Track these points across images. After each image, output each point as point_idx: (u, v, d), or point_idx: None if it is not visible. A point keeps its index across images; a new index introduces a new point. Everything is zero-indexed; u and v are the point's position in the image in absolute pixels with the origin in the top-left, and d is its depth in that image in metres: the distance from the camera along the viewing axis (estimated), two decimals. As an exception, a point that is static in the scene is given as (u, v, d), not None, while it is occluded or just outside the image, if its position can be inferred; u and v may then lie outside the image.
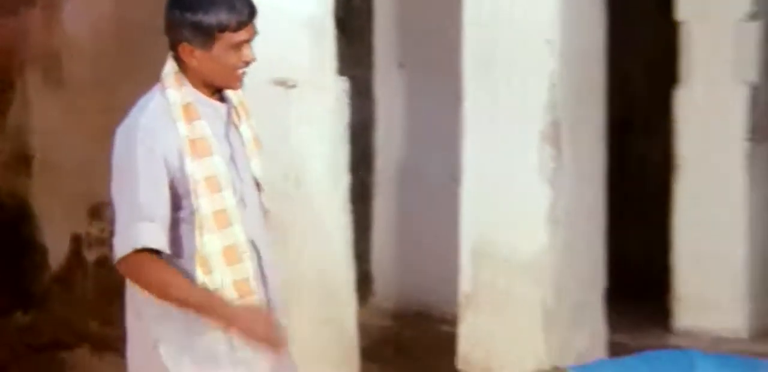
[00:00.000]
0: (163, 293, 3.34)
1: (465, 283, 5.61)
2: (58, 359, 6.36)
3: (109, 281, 6.95)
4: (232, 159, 3.42)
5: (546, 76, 5.45)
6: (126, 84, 6.74)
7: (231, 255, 3.39)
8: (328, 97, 4.71)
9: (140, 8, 6.95)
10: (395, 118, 7.38)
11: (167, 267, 3.34)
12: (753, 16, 6.66)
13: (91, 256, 6.97)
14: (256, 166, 3.49)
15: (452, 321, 5.91)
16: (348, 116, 4.80)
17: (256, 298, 3.43)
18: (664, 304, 6.83)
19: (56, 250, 6.90)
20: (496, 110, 5.56)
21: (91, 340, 6.58)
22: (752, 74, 6.68)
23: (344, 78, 4.80)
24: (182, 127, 3.36)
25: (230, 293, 3.37)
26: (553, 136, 5.47)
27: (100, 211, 6.93)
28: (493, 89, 5.56)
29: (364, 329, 5.58)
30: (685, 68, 6.78)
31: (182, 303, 3.32)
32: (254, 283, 3.44)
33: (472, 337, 5.58)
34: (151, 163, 3.33)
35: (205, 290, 3.35)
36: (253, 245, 3.46)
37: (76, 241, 6.95)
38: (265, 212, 3.50)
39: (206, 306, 3.32)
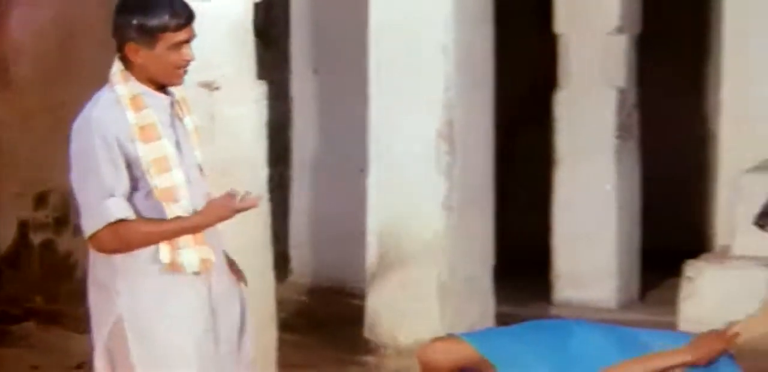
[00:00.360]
0: (148, 243, 3.35)
1: (371, 262, 5.63)
2: (7, 332, 6.29)
3: (53, 262, 6.91)
4: (178, 145, 3.42)
5: (441, 80, 5.49)
6: (68, 84, 6.68)
7: None
8: (248, 98, 4.68)
9: (82, 14, 6.89)
10: (309, 117, 7.39)
11: (137, 223, 3.34)
12: (620, 30, 6.78)
13: (36, 239, 6.90)
14: (198, 154, 3.48)
15: (360, 295, 5.94)
16: (267, 115, 4.78)
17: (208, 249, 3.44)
18: (545, 280, 6.93)
19: (5, 234, 6.82)
20: (398, 110, 5.58)
21: (36, 315, 6.52)
22: (620, 80, 6.80)
23: (263, 81, 4.78)
24: (131, 116, 3.35)
25: (192, 242, 3.39)
26: (448, 133, 5.50)
27: (46, 199, 6.87)
28: (395, 92, 5.58)
29: (281, 303, 5.56)
30: (563, 74, 6.88)
31: (167, 238, 3.35)
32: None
33: (378, 310, 5.60)
34: (108, 148, 3.32)
35: (173, 220, 3.36)
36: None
37: (24, 226, 6.88)
38: (208, 194, 3.50)
39: (182, 229, 3.34)
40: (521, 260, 6.83)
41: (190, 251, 3.37)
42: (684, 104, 8.27)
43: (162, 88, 3.45)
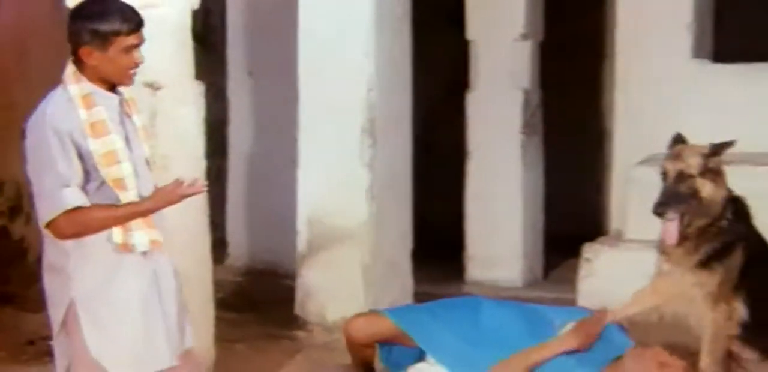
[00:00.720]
0: (104, 227, 3.32)
1: (301, 246, 5.60)
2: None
3: (7, 247, 6.81)
4: (127, 140, 3.38)
5: (364, 82, 5.47)
6: (20, 85, 6.57)
7: None
8: (187, 97, 4.63)
9: (35, 18, 6.77)
10: (244, 115, 7.34)
11: (92, 209, 3.30)
12: (525, 37, 6.82)
13: (-10, 226, 6.82)
14: (146, 149, 3.43)
15: (291, 276, 5.91)
16: (204, 114, 4.73)
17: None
18: (458, 261, 6.96)
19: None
20: (326, 109, 5.55)
21: (-10, 296, 6.45)
22: (525, 82, 6.84)
23: (202, 82, 4.73)
24: (82, 113, 3.31)
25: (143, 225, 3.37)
26: (371, 129, 5.49)
27: (1, 189, 6.77)
28: (323, 92, 5.54)
29: (219, 284, 5.52)
30: (474, 77, 6.91)
31: (121, 222, 3.30)
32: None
33: (307, 289, 5.57)
34: (61, 141, 3.29)
35: (126, 205, 3.31)
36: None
37: (-22, 214, 6.79)
38: (155, 186, 3.46)
39: (134, 213, 3.31)
40: (437, 244, 6.85)
41: (141, 233, 3.34)
42: (582, 104, 8.34)
43: (112, 88, 3.40)
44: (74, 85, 3.35)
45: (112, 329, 3.34)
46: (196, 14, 4.77)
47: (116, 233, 3.31)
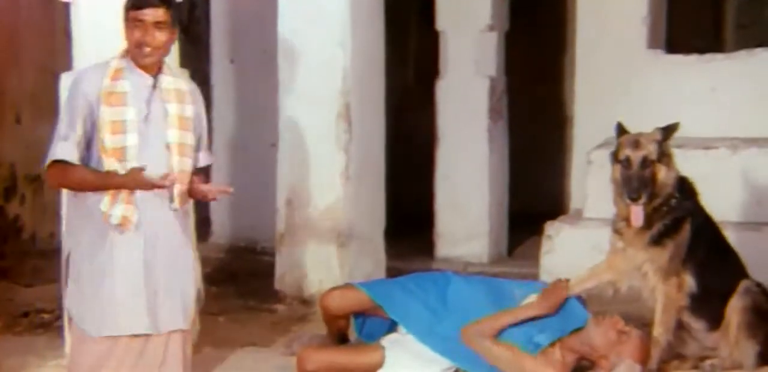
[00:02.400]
0: (79, 187, 3.37)
1: (280, 224, 5.59)
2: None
3: (2, 226, 6.78)
4: (147, 119, 3.36)
5: (340, 69, 5.45)
6: (12, 72, 6.52)
7: None
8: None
9: (26, 10, 6.71)
10: (227, 100, 7.31)
11: (74, 168, 3.33)
12: (491, 28, 6.80)
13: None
14: (173, 136, 3.39)
15: (271, 253, 5.91)
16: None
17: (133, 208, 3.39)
18: (428, 239, 6.97)
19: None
20: (304, 95, 5.52)
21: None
22: (491, 70, 6.83)
23: (186, 70, 4.71)
24: (106, 82, 3.35)
25: (123, 200, 3.36)
26: (346, 115, 5.47)
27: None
28: (301, 79, 5.52)
29: (203, 260, 5.50)
30: (443, 65, 6.89)
31: (94, 189, 3.33)
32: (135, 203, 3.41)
33: (286, 265, 5.57)
34: (74, 99, 3.35)
35: (104, 175, 3.32)
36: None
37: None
38: (168, 169, 3.39)
39: (106, 185, 3.32)
40: (408, 222, 6.85)
41: (119, 207, 3.34)
42: (545, 91, 8.36)
43: (155, 70, 3.39)
44: (118, 59, 3.40)
45: (88, 288, 3.37)
46: (181, 6, 4.73)
47: (104, 202, 3.35)
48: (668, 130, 4.11)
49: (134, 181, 3.31)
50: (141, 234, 3.38)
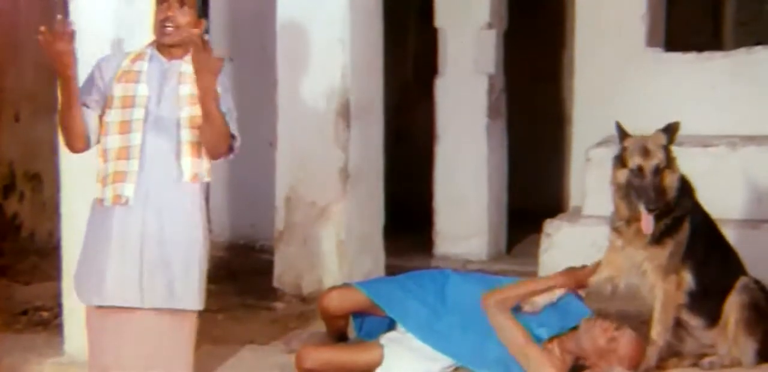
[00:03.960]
0: (64, 120, 3.42)
1: (279, 223, 5.59)
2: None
3: (1, 223, 6.79)
4: (159, 99, 3.38)
5: (339, 68, 5.45)
6: (12, 72, 6.52)
7: (123, 153, 3.39)
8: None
9: (26, 9, 6.71)
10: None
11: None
12: (490, 26, 6.80)
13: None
14: (185, 112, 3.39)
15: (270, 251, 5.91)
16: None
17: (129, 186, 3.37)
18: (427, 237, 6.96)
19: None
20: (303, 93, 5.52)
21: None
22: (490, 68, 6.83)
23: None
24: (125, 63, 3.43)
25: (110, 180, 3.36)
26: (345, 112, 5.47)
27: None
28: (300, 78, 5.52)
29: (203, 258, 5.52)
30: (442, 63, 6.89)
31: (67, 102, 3.39)
32: (133, 177, 3.39)
33: (285, 263, 5.57)
34: (92, 74, 3.45)
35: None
36: (151, 157, 3.39)
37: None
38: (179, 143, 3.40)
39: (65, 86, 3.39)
40: (407, 220, 6.86)
41: (108, 188, 3.37)
42: (544, 89, 8.36)
43: (176, 54, 3.42)
44: (145, 46, 3.47)
45: (85, 257, 3.43)
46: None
47: (97, 188, 3.40)
48: (672, 132, 4.10)
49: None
50: (141, 207, 3.36)
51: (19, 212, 6.89)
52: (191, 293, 3.48)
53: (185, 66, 3.43)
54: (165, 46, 3.44)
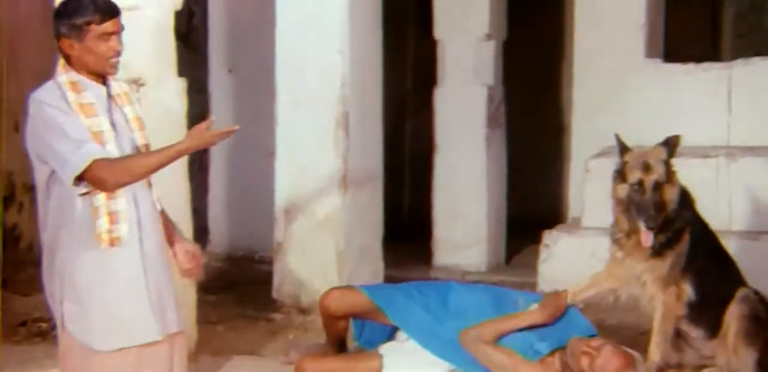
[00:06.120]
0: (147, 171, 3.25)
1: (278, 233, 5.58)
2: None
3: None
4: (114, 126, 3.35)
5: (338, 77, 5.45)
6: (11, 81, 6.52)
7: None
8: (170, 93, 4.62)
9: (23, 18, 6.72)
10: (225, 108, 7.29)
11: (126, 160, 3.25)
12: (489, 37, 6.82)
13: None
14: (139, 138, 3.33)
15: (269, 262, 5.90)
16: (186, 108, 4.72)
17: (123, 227, 3.30)
18: (426, 247, 6.96)
19: None
20: (302, 103, 5.53)
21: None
22: (489, 79, 6.84)
23: (184, 78, 4.71)
24: (71, 96, 3.28)
25: (104, 221, 3.31)
26: (344, 123, 5.47)
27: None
28: (299, 88, 5.53)
29: (202, 269, 5.52)
30: (441, 73, 6.90)
31: (164, 164, 3.23)
32: (125, 216, 3.31)
33: (283, 274, 5.55)
34: (64, 113, 3.25)
35: (159, 150, 3.24)
36: (134, 196, 3.35)
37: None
38: None
39: (169, 156, 3.22)
40: (406, 230, 6.85)
41: (103, 228, 3.26)
42: (543, 100, 8.37)
43: (101, 80, 3.37)
44: (63, 75, 3.33)
45: (89, 304, 3.29)
46: (179, 15, 4.74)
47: (97, 225, 3.24)
48: (672, 146, 4.09)
49: (200, 138, 3.19)
50: (138, 242, 3.35)
51: (19, 223, 6.88)
52: (180, 314, 3.47)
53: (114, 86, 3.39)
54: (94, 73, 3.38)
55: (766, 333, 4.15)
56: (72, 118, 3.26)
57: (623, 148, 4.14)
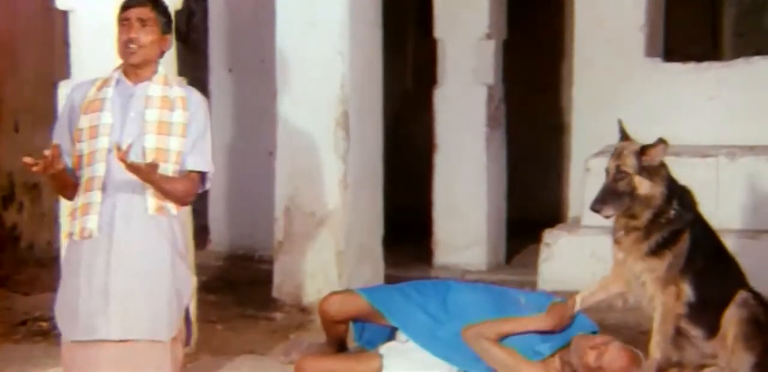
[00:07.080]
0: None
1: (278, 233, 5.58)
2: None
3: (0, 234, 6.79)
4: (123, 123, 3.35)
5: (338, 77, 5.45)
6: (10, 82, 6.53)
7: (88, 184, 3.35)
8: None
9: (24, 21, 6.72)
10: (225, 109, 7.30)
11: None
12: (489, 36, 6.82)
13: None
14: (150, 141, 3.32)
15: (269, 261, 5.90)
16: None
17: (93, 218, 3.33)
18: (426, 247, 6.97)
19: None
20: (302, 103, 5.52)
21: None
22: (489, 78, 6.84)
23: (184, 78, 4.70)
24: (92, 92, 3.38)
25: (78, 213, 3.34)
26: (344, 123, 5.47)
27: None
28: (298, 88, 5.52)
29: (201, 268, 5.52)
30: (441, 73, 6.90)
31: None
32: (96, 209, 3.35)
33: (284, 273, 5.55)
34: (62, 113, 3.43)
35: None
36: (116, 187, 3.33)
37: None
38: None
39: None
40: (406, 230, 6.85)
41: (76, 221, 3.35)
42: (543, 99, 8.37)
43: (143, 76, 3.38)
44: (112, 71, 3.44)
45: (62, 292, 3.42)
46: (179, 15, 4.74)
47: (67, 223, 3.42)
48: (648, 146, 4.09)
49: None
50: (107, 239, 3.31)
51: (19, 223, 6.89)
52: (159, 324, 3.38)
53: (153, 88, 3.38)
54: (131, 67, 3.38)
55: (764, 337, 4.15)
56: (60, 122, 3.42)
57: (623, 136, 4.18)
